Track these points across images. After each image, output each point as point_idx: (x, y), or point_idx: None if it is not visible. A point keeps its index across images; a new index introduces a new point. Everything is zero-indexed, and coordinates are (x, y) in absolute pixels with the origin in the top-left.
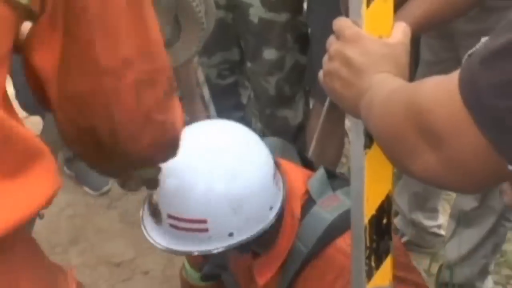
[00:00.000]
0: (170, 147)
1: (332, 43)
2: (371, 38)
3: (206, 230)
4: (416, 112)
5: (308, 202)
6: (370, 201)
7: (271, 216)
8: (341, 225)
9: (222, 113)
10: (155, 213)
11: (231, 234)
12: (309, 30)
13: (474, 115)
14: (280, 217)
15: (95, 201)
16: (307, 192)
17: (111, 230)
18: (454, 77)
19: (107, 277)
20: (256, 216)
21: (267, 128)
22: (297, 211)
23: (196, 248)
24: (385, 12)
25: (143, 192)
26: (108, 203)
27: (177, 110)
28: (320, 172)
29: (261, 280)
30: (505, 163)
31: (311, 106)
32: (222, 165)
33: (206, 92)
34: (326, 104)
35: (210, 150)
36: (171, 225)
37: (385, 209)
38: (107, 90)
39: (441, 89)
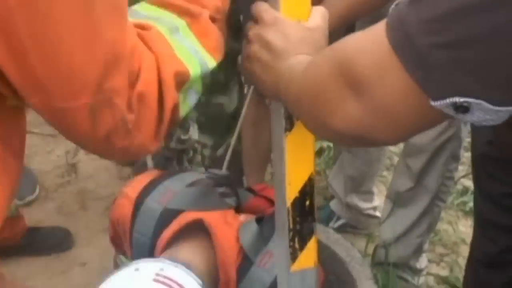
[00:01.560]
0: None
1: (251, 27)
2: (290, 22)
3: None
4: (340, 63)
5: (244, 262)
6: (292, 184)
7: None
8: None
9: None
10: None
11: None
12: (241, 17)
13: (401, 55)
14: None
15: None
16: (240, 250)
17: (48, 222)
18: (379, 25)
19: (45, 269)
20: None
21: (203, 115)
22: (233, 278)
23: None
24: None
25: (80, 182)
26: (44, 195)
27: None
28: (252, 225)
29: None
30: (428, 100)
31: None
32: None
33: None
34: (252, 87)
35: None
36: None
37: (308, 191)
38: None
39: (366, 38)
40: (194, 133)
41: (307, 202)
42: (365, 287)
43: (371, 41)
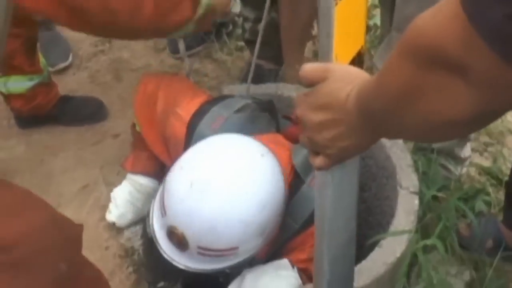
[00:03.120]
0: None
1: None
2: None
3: (235, 253)
4: (425, 52)
5: (295, 180)
6: (339, 58)
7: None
8: None
9: None
10: (181, 244)
11: (255, 248)
12: None
13: (480, 30)
14: None
15: None
16: (292, 169)
17: (81, 91)
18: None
19: (77, 140)
20: (275, 227)
21: None
22: (286, 190)
23: (224, 265)
24: None
25: (114, 52)
26: (78, 64)
27: None
28: (303, 149)
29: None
30: None
31: None
32: (255, 199)
33: None
34: None
35: (243, 185)
36: (200, 253)
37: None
38: None
39: (441, 17)
40: (236, 6)
41: None
42: (404, 174)
43: (448, 18)
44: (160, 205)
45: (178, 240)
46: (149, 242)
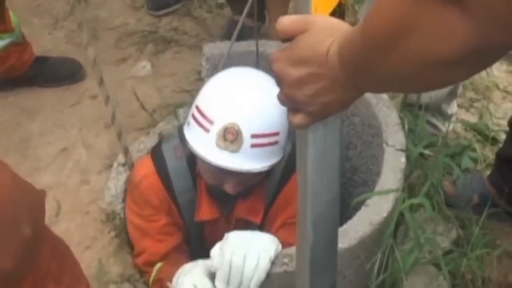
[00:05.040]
0: None
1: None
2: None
3: (277, 142)
4: None
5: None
6: (319, 10)
7: None
8: None
9: None
10: (235, 140)
11: (284, 145)
12: None
13: None
14: None
15: (39, 21)
16: None
17: (57, 52)
18: None
19: (55, 101)
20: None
21: None
22: None
23: (271, 161)
24: None
25: (91, 11)
26: (53, 23)
27: None
28: None
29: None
30: None
31: None
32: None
33: None
34: None
35: (266, 82)
36: (253, 145)
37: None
38: None
39: None
40: None
41: None
42: (391, 131)
43: None
44: (199, 123)
45: (234, 135)
46: None
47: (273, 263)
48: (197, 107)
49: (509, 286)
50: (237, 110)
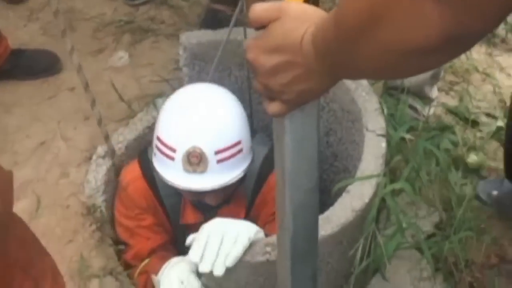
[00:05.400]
0: None
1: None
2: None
3: (241, 150)
4: None
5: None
6: None
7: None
8: None
9: None
10: (201, 162)
11: (250, 148)
12: None
13: None
14: None
15: (14, 13)
16: None
17: (33, 44)
18: None
19: (32, 94)
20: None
21: None
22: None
23: (241, 168)
24: None
25: (66, 1)
26: (28, 15)
27: None
28: None
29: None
30: None
31: None
32: (231, 99)
33: None
34: None
35: (217, 95)
36: (218, 161)
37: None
38: None
39: None
40: None
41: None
42: (370, 116)
43: None
44: (163, 153)
45: (198, 158)
46: None
47: (256, 252)
48: (158, 138)
49: (492, 267)
50: (195, 133)
